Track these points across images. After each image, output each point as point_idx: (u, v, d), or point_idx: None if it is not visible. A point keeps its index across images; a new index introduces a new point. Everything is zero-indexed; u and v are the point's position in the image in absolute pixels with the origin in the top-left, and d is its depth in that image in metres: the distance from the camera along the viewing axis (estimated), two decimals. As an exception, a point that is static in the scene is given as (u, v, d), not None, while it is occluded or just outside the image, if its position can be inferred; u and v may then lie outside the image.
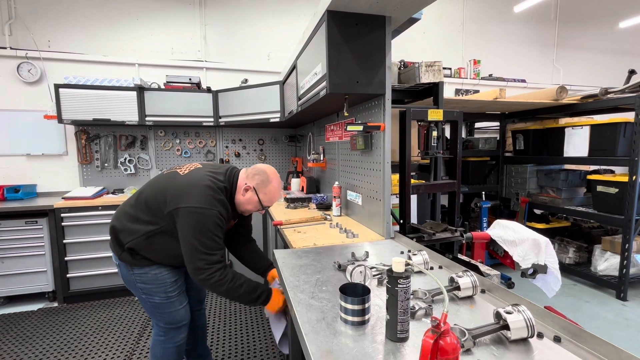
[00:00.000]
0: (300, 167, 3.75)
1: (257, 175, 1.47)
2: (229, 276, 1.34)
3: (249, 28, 3.98)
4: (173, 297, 1.53)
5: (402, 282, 0.79)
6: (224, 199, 1.40)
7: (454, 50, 4.82)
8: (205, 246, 1.31)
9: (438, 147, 1.88)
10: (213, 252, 1.33)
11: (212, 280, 1.31)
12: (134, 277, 1.49)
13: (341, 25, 1.56)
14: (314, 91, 1.88)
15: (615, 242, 3.15)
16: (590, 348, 0.78)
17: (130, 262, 1.46)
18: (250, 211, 1.54)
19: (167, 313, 1.53)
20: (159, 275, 1.48)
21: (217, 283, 1.32)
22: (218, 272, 1.32)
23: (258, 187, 1.45)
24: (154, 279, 1.48)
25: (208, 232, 1.32)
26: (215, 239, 1.33)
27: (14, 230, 2.88)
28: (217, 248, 1.34)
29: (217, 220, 1.34)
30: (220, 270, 1.33)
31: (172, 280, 1.52)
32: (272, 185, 1.47)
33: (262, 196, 1.46)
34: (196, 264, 1.31)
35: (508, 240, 1.58)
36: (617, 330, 2.53)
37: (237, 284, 1.35)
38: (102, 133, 3.52)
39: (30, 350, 2.32)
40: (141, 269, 1.47)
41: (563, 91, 3.27)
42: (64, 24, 3.45)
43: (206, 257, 1.31)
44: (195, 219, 1.31)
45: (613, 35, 5.49)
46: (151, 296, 1.50)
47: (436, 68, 2.31)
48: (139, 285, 1.50)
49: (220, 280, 1.32)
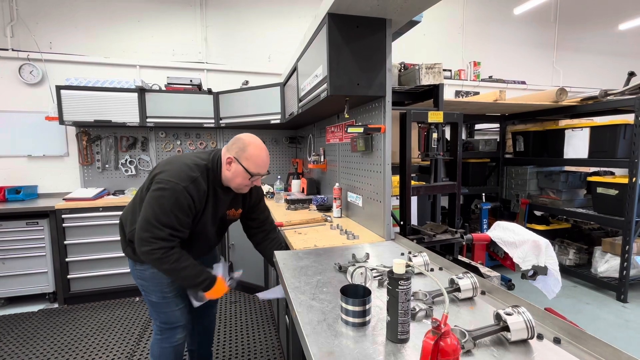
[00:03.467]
0: (300, 169, 3.76)
1: (234, 144, 1.43)
2: (173, 256, 1.31)
3: (250, 30, 3.99)
4: (169, 297, 1.52)
5: (403, 283, 0.80)
6: (199, 178, 1.36)
7: (454, 52, 4.83)
8: (157, 219, 1.28)
9: (438, 148, 1.88)
10: (162, 228, 1.28)
11: (154, 256, 1.29)
12: (135, 272, 1.51)
13: (342, 27, 1.57)
14: (314, 93, 1.89)
15: (615, 244, 3.15)
16: (590, 349, 0.78)
17: (132, 257, 1.47)
18: (242, 185, 1.45)
19: (162, 313, 1.53)
20: (156, 274, 1.47)
21: (159, 260, 1.30)
22: (161, 250, 1.28)
23: (238, 155, 1.40)
24: (151, 277, 1.48)
25: (166, 206, 1.28)
26: (170, 216, 1.29)
27: (15, 232, 2.88)
28: (170, 225, 1.29)
29: (180, 196, 1.30)
30: (166, 249, 1.29)
31: (168, 280, 1.50)
32: (251, 148, 1.41)
33: (245, 163, 1.39)
34: (142, 235, 1.29)
35: (508, 241, 1.58)
36: (618, 331, 2.53)
37: (181, 266, 1.33)
38: (103, 134, 3.53)
39: (31, 352, 2.32)
40: (141, 266, 1.48)
41: (563, 93, 3.28)
42: (66, 26, 3.47)
43: (154, 231, 1.28)
44: (159, 189, 1.30)
45: (613, 37, 5.51)
46: (149, 294, 1.51)
47: (436, 70, 2.32)
48: (139, 281, 1.52)
49: (163, 259, 1.29)
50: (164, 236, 1.29)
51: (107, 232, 3.04)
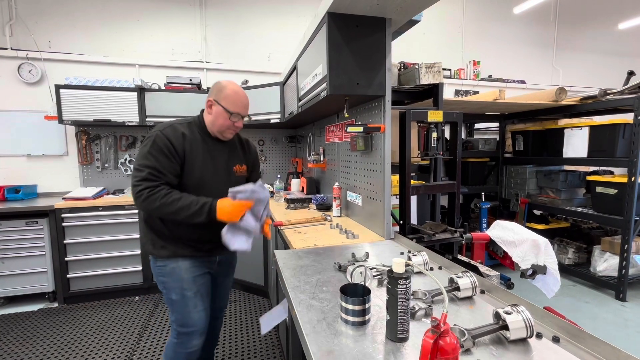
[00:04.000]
0: (300, 168, 3.76)
1: (213, 89, 1.50)
2: (161, 192, 1.33)
3: (250, 29, 3.99)
4: (188, 296, 1.48)
5: (403, 282, 0.80)
6: (175, 124, 1.45)
7: (454, 52, 4.83)
8: (139, 163, 1.36)
9: (438, 148, 1.89)
10: (142, 169, 1.34)
11: (141, 198, 1.31)
12: (156, 269, 1.51)
13: (342, 27, 1.57)
14: (314, 92, 1.89)
15: (614, 243, 3.16)
16: (589, 348, 0.78)
17: (152, 251, 1.48)
18: (224, 127, 1.49)
19: (180, 313, 1.49)
20: (176, 269, 1.47)
21: (147, 200, 1.31)
22: (147, 190, 1.31)
23: (217, 97, 1.47)
24: (171, 272, 1.47)
25: (145, 152, 1.36)
26: (149, 157, 1.35)
27: (14, 231, 2.88)
28: (149, 166, 1.34)
29: (157, 139, 1.36)
30: (150, 188, 1.32)
31: (189, 277, 1.48)
32: (228, 88, 1.48)
33: (223, 103, 1.46)
34: (131, 182, 1.36)
35: (507, 241, 1.58)
36: (616, 330, 2.53)
37: (172, 198, 1.32)
38: (103, 134, 3.53)
39: (31, 351, 2.32)
40: (162, 261, 1.48)
41: (562, 92, 3.28)
42: (65, 25, 3.46)
43: (137, 174, 1.34)
44: (143, 144, 1.40)
45: (612, 37, 5.51)
46: (169, 291, 1.49)
47: (436, 69, 2.31)
48: (160, 278, 1.50)
49: (150, 197, 1.31)
50: (144, 176, 1.33)
51: (106, 232, 3.04)
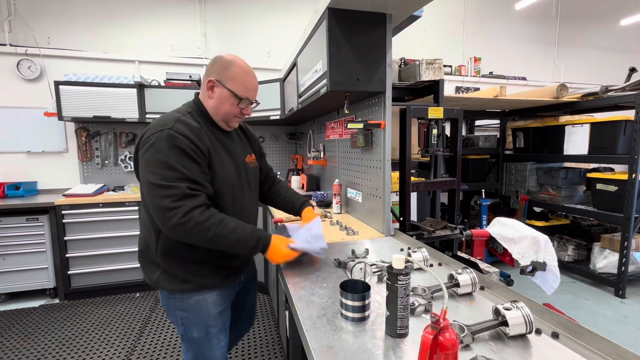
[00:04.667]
0: (300, 165, 3.76)
1: (214, 65, 1.18)
2: (215, 216, 1.04)
3: (249, 25, 3.97)
4: (213, 333, 1.23)
5: (402, 278, 0.80)
6: (181, 117, 1.11)
7: (455, 48, 4.81)
8: (163, 178, 1.00)
9: (438, 144, 1.88)
10: (176, 184, 1.00)
11: (190, 224, 0.99)
12: (174, 303, 1.20)
13: (342, 22, 1.56)
14: (314, 89, 1.88)
15: (614, 240, 3.16)
16: (588, 344, 0.78)
17: (167, 286, 1.17)
18: (230, 115, 1.21)
19: (201, 352, 1.23)
20: (202, 303, 1.19)
21: (199, 227, 1.00)
22: (196, 211, 1.00)
23: (221, 77, 1.16)
24: (195, 307, 1.19)
25: (162, 159, 1.01)
26: (175, 166, 1.01)
27: (15, 227, 2.88)
28: (183, 177, 1.02)
29: (172, 140, 1.03)
30: (199, 208, 1.02)
31: (216, 311, 1.23)
32: (235, 66, 1.17)
33: (230, 85, 1.16)
34: (161, 204, 0.99)
35: (507, 237, 1.58)
36: (616, 327, 2.54)
37: (228, 228, 1.05)
38: (103, 130, 3.53)
39: (32, 346, 2.33)
40: (183, 294, 1.18)
41: (564, 89, 3.27)
42: (64, 21, 3.44)
43: (169, 192, 0.99)
44: (146, 149, 1.04)
45: (614, 33, 5.48)
46: (189, 329, 1.21)
47: (437, 66, 2.31)
48: (178, 313, 1.21)
49: (204, 222, 1.01)
50: (184, 193, 1.00)
51: (107, 228, 3.04)
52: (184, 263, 1.16)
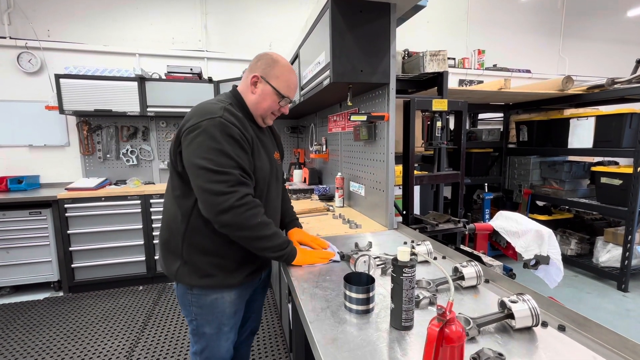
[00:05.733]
0: (302, 159, 3.74)
1: (259, 61, 1.20)
2: (261, 209, 1.08)
3: (251, 17, 3.92)
4: (224, 331, 1.24)
5: (407, 271, 0.79)
6: (228, 107, 1.11)
7: (459, 40, 4.75)
8: (218, 164, 1.01)
9: (442, 137, 1.86)
10: (231, 170, 1.02)
11: (243, 208, 1.01)
12: (190, 298, 1.19)
13: (345, 12, 1.53)
14: (317, 80, 1.86)
15: (617, 234, 3.14)
16: (595, 337, 0.78)
17: (187, 280, 1.16)
18: (268, 112, 1.22)
19: (210, 347, 1.24)
20: (219, 301, 1.19)
21: (252, 213, 1.03)
22: (249, 197, 1.04)
23: (266, 73, 1.18)
24: (211, 305, 1.18)
25: (216, 145, 1.02)
26: (229, 154, 1.03)
27: (18, 221, 2.90)
28: (235, 166, 1.04)
29: (224, 127, 1.04)
30: (249, 195, 1.04)
31: (231, 310, 1.22)
32: (281, 64, 1.19)
33: (274, 82, 1.18)
34: (215, 188, 1.00)
35: (511, 231, 1.57)
36: (618, 320, 2.54)
37: (268, 221, 1.09)
38: (104, 124, 3.51)
39: (37, 338, 2.35)
40: (200, 291, 1.17)
41: (569, 81, 3.22)
42: (64, 13, 3.41)
43: (224, 177, 1.01)
44: (196, 135, 1.04)
45: (621, 25, 5.39)
46: (202, 325, 1.22)
47: (441, 57, 2.27)
48: (192, 309, 1.20)
49: (254, 209, 1.04)
50: (238, 180, 1.03)
51: (109, 222, 3.05)
52: (209, 255, 1.14)
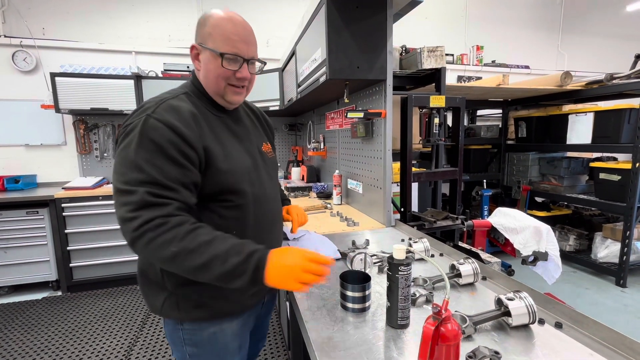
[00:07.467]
0: (300, 156, 3.73)
1: (196, 29, 0.97)
2: (180, 228, 0.74)
3: (248, 13, 3.84)
4: None
5: (403, 269, 0.78)
6: (171, 100, 0.87)
7: (457, 36, 4.72)
8: (125, 181, 0.76)
9: (440, 134, 1.85)
10: (134, 188, 0.75)
11: (144, 240, 0.73)
12: (181, 336, 0.94)
13: (341, 8, 1.52)
14: (313, 77, 1.85)
15: (616, 230, 3.15)
16: (592, 334, 0.77)
17: (173, 314, 0.91)
18: (222, 82, 0.93)
19: None
20: (219, 335, 0.94)
21: (154, 243, 0.73)
22: (152, 223, 0.73)
23: (201, 38, 0.94)
24: (210, 341, 0.94)
25: (130, 155, 0.77)
26: (140, 165, 0.76)
27: (15, 221, 2.88)
28: (143, 181, 0.75)
29: (151, 133, 0.78)
30: (156, 220, 0.73)
31: (235, 345, 0.98)
32: (213, 17, 0.93)
33: (210, 42, 0.91)
34: (117, 213, 0.76)
35: (509, 227, 1.57)
36: (616, 316, 2.55)
37: (198, 240, 0.74)
38: (101, 123, 3.49)
39: (35, 338, 2.35)
40: (194, 324, 0.92)
41: (568, 77, 3.21)
42: (58, 11, 3.38)
43: (126, 199, 0.75)
44: (121, 141, 0.82)
45: (620, 20, 5.37)
46: None
47: (438, 53, 2.26)
48: (187, 348, 0.94)
49: (160, 237, 0.73)
50: (141, 200, 0.74)
51: (107, 221, 3.04)
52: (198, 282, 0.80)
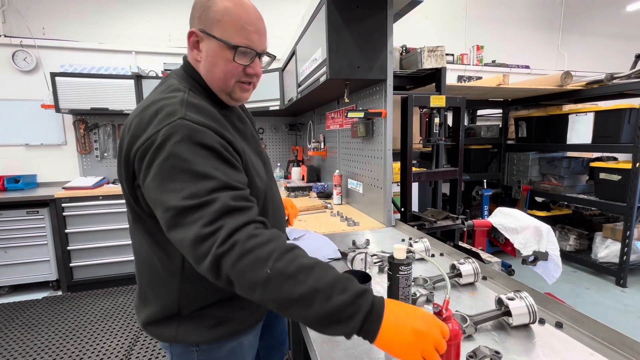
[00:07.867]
0: (300, 156, 3.73)
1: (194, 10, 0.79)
2: (276, 245, 0.59)
3: (247, 14, 3.88)
4: None
5: (404, 269, 0.78)
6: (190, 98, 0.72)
7: (457, 36, 4.72)
8: (188, 196, 0.61)
9: (440, 134, 1.85)
10: (206, 199, 0.61)
11: (232, 255, 0.57)
12: (197, 356, 0.80)
13: (341, 7, 1.52)
14: (313, 77, 1.85)
15: (616, 230, 3.15)
16: (592, 333, 0.77)
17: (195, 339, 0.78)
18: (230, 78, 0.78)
19: None
20: (237, 351, 0.84)
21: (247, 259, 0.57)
22: (240, 234, 0.59)
23: (204, 23, 0.76)
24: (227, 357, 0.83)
25: (180, 167, 0.63)
26: (203, 173, 0.63)
27: (15, 220, 2.88)
28: (217, 187, 0.63)
29: (195, 135, 0.65)
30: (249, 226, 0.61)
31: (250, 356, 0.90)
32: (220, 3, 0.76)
33: (217, 31, 0.75)
34: (190, 235, 0.59)
35: (509, 227, 1.57)
36: (616, 316, 2.55)
37: (298, 264, 0.58)
38: (101, 122, 3.49)
39: (36, 337, 2.35)
40: (212, 344, 0.80)
41: (568, 77, 3.21)
42: (58, 11, 3.37)
43: (198, 214, 0.60)
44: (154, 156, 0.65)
45: (620, 19, 5.36)
46: None
47: (439, 53, 2.26)
48: None
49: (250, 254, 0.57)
50: (222, 207, 0.61)
51: (107, 221, 3.04)
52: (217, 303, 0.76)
